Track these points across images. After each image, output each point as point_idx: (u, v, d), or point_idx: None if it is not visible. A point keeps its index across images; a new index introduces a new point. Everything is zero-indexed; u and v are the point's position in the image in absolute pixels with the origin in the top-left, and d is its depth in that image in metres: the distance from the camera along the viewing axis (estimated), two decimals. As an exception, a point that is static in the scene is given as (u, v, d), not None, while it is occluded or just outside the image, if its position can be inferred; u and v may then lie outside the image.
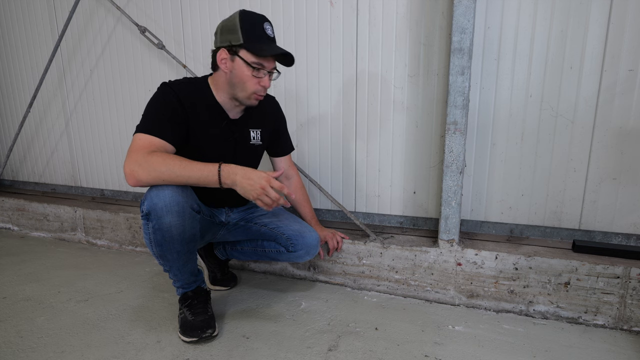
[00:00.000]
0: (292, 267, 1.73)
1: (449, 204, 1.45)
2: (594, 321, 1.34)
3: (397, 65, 1.63)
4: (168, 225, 1.16)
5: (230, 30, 1.21)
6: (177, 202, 1.15)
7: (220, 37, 1.24)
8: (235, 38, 1.20)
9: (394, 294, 1.58)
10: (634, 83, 1.35)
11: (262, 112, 1.45)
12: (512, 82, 1.49)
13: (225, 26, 1.23)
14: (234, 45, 1.21)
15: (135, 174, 1.11)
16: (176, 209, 1.15)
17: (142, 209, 1.18)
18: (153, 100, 1.23)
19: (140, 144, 1.15)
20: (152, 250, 1.22)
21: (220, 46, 1.24)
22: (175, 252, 1.21)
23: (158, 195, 1.14)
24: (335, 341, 1.26)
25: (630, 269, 1.28)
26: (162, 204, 1.14)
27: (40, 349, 1.22)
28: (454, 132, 1.41)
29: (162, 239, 1.18)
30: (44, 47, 2.38)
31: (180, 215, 1.16)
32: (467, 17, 1.33)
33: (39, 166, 2.63)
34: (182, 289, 1.31)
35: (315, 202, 1.90)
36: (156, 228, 1.16)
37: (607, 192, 1.45)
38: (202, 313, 1.28)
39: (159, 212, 1.14)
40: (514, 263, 1.40)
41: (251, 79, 1.25)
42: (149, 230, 1.18)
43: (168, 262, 1.24)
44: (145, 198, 1.16)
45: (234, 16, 1.23)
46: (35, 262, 1.91)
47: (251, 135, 1.42)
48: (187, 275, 1.29)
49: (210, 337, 1.25)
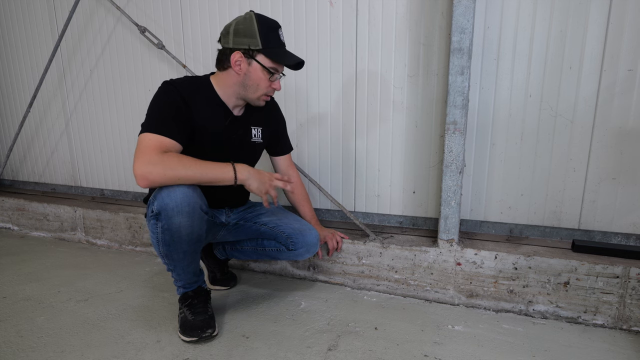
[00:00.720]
0: (291, 267, 1.73)
1: (449, 203, 1.46)
2: (593, 321, 1.35)
3: (396, 65, 1.63)
4: (177, 226, 1.16)
5: (247, 34, 1.23)
6: (188, 202, 1.16)
7: (234, 39, 1.24)
8: (254, 42, 1.23)
9: (393, 294, 1.58)
10: (634, 83, 1.36)
11: (263, 111, 1.46)
12: (512, 82, 1.49)
13: (241, 29, 1.24)
14: (253, 49, 1.23)
15: (148, 175, 1.11)
16: (187, 209, 1.16)
17: (151, 209, 1.18)
18: (156, 99, 1.23)
19: (150, 144, 1.15)
20: (158, 249, 1.23)
21: (235, 48, 1.25)
22: (181, 252, 1.22)
23: (169, 195, 1.14)
24: (335, 341, 1.26)
25: (630, 269, 1.28)
26: (174, 204, 1.14)
27: (40, 348, 1.22)
28: (453, 132, 1.41)
29: (170, 239, 1.18)
30: (44, 47, 2.38)
31: (191, 215, 1.17)
32: (467, 17, 1.33)
33: (39, 166, 2.63)
34: (183, 289, 1.31)
35: (314, 202, 1.90)
36: (165, 228, 1.17)
37: (606, 192, 1.45)
38: (202, 313, 1.28)
39: (169, 212, 1.14)
40: (514, 263, 1.40)
41: (266, 81, 1.28)
42: (157, 230, 1.18)
43: (173, 261, 1.24)
44: (156, 198, 1.16)
45: (249, 19, 1.24)
46: (35, 262, 1.91)
47: (252, 133, 1.43)
48: (190, 275, 1.30)
49: (210, 337, 1.25)
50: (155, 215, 1.17)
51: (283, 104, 1.84)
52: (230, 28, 1.26)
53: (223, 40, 1.28)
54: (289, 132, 1.84)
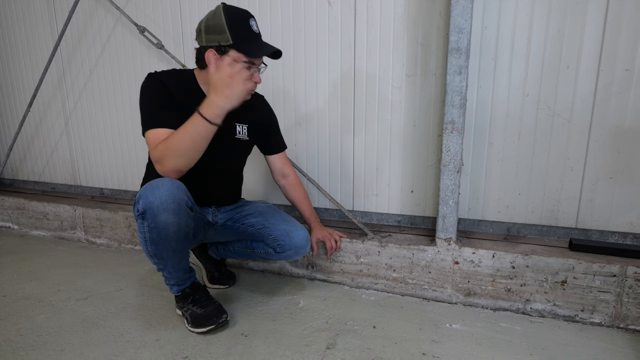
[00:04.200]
0: (290, 266, 1.74)
1: (447, 202, 1.46)
2: (590, 319, 1.35)
3: (394, 64, 1.64)
4: (165, 224, 1.15)
5: (217, 30, 1.19)
6: (173, 199, 1.15)
7: (206, 37, 1.21)
8: (224, 38, 1.18)
9: (391, 293, 1.58)
10: (631, 82, 1.36)
11: (250, 109, 1.43)
12: (509, 82, 1.49)
13: (211, 25, 1.20)
14: (224, 45, 1.19)
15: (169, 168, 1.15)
16: (173, 206, 1.15)
17: (137, 208, 1.17)
18: (143, 92, 1.24)
19: (155, 140, 1.18)
20: (146, 249, 1.22)
21: (208, 46, 1.21)
22: (170, 251, 1.21)
23: (153, 192, 1.13)
24: (333, 339, 1.27)
25: (627, 268, 1.29)
26: (158, 202, 1.13)
27: (40, 347, 1.22)
28: (451, 132, 1.41)
29: (158, 237, 1.17)
30: (43, 47, 2.39)
31: (177, 212, 1.16)
32: (465, 17, 1.34)
33: (39, 165, 2.64)
34: (178, 287, 1.32)
35: (313, 201, 1.90)
36: (152, 227, 1.16)
37: (603, 191, 1.46)
38: (211, 303, 1.30)
39: (155, 210, 1.13)
40: (511, 261, 1.41)
41: None
42: (144, 229, 1.18)
43: (163, 260, 1.24)
44: (140, 196, 1.15)
45: (218, 14, 1.20)
46: (35, 261, 1.92)
47: (237, 129, 1.41)
48: (181, 273, 1.30)
49: (226, 322, 1.29)
50: (141, 214, 1.16)
51: (282, 103, 1.85)
52: (202, 25, 1.23)
53: (198, 39, 1.25)
54: (289, 131, 1.85)
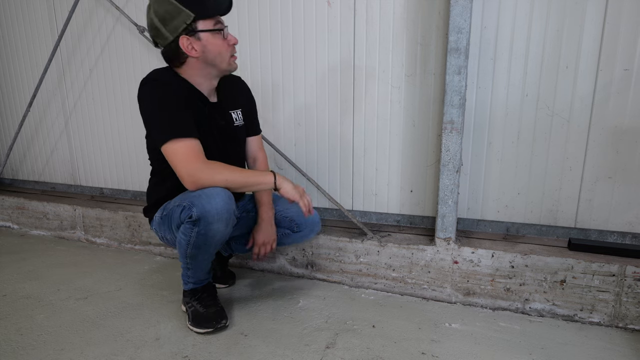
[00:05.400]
0: (289, 265, 1.74)
1: (446, 202, 1.46)
2: (589, 319, 1.35)
3: (394, 64, 1.64)
4: (214, 232, 1.17)
5: (174, 13, 1.14)
6: (227, 209, 1.16)
7: (168, 28, 1.16)
8: (186, 16, 1.14)
9: (391, 292, 1.58)
10: (629, 82, 1.36)
11: (234, 92, 1.42)
12: (508, 82, 1.49)
13: (164, 15, 1.15)
14: (190, 23, 1.15)
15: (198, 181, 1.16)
16: (226, 216, 1.16)
17: (189, 213, 1.16)
18: (151, 99, 1.19)
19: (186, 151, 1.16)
20: (185, 250, 1.23)
21: (177, 35, 1.16)
22: (207, 254, 1.25)
23: (210, 202, 1.13)
24: (333, 339, 1.27)
25: (626, 267, 1.29)
26: (215, 212, 1.14)
27: (40, 346, 1.23)
28: (450, 131, 1.42)
29: (203, 243, 1.19)
30: (43, 47, 2.39)
31: (228, 222, 1.19)
32: (464, 17, 1.34)
33: (39, 165, 2.64)
34: (194, 284, 1.33)
35: (313, 201, 1.91)
36: (202, 233, 1.17)
37: (602, 191, 1.46)
38: (213, 305, 1.31)
39: (209, 218, 1.14)
40: (510, 261, 1.41)
41: (224, 44, 1.22)
42: (191, 234, 1.18)
43: (196, 262, 1.26)
44: (194, 203, 1.14)
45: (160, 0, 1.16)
46: (35, 260, 1.92)
47: (233, 117, 1.40)
48: (204, 274, 1.33)
49: (224, 327, 1.29)
50: (193, 221, 1.16)
51: (281, 103, 1.85)
52: (154, 23, 1.18)
53: (159, 40, 1.20)
54: (288, 131, 1.86)
